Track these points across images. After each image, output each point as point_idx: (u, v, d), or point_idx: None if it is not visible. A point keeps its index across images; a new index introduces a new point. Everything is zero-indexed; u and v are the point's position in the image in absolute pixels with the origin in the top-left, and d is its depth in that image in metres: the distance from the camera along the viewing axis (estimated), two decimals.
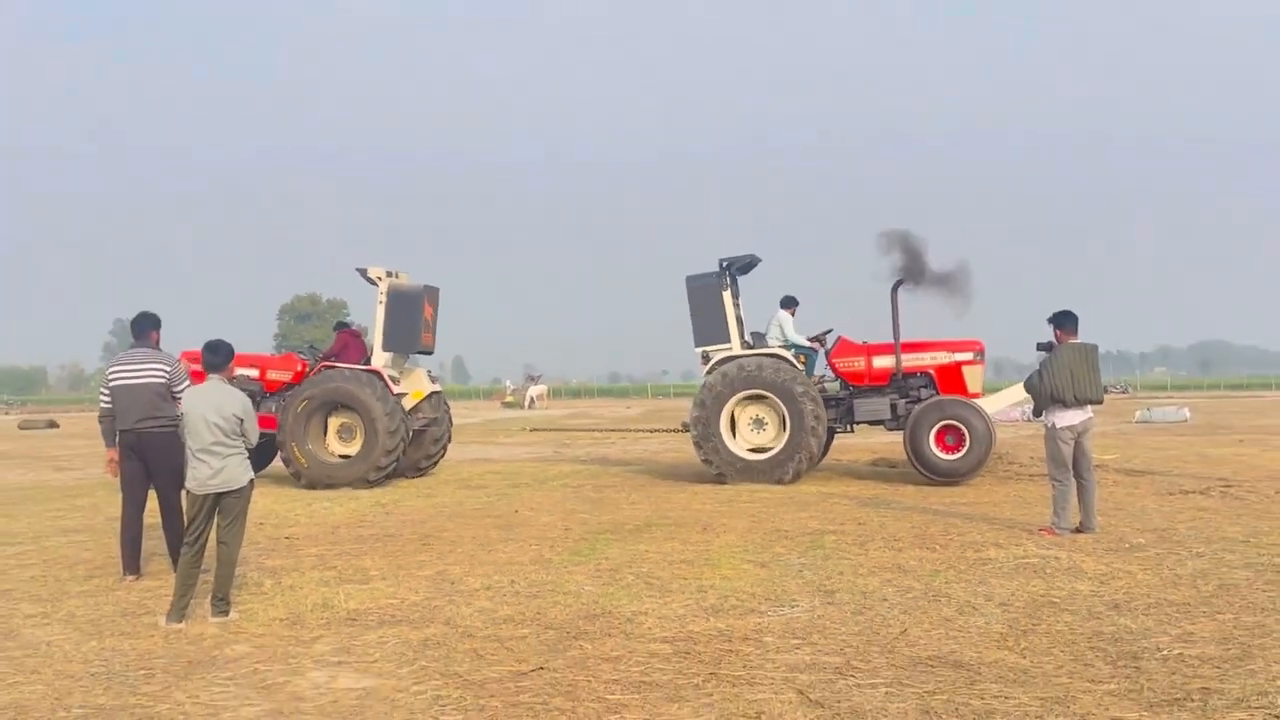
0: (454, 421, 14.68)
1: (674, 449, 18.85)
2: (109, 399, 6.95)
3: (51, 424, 33.88)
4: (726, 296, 12.59)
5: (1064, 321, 8.21)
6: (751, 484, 11.83)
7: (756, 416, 12.36)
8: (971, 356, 12.53)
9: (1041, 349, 8.32)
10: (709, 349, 12.69)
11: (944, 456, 11.72)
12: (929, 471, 11.78)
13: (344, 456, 12.67)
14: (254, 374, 13.28)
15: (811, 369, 12.91)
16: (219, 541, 5.92)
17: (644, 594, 6.19)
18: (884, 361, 12.57)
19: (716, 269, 12.67)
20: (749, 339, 13.07)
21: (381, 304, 13.08)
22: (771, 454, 12.12)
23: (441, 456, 14.30)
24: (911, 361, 12.52)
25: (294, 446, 12.39)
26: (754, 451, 12.28)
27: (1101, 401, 8.22)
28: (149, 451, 6.88)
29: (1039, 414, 8.44)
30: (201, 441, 5.83)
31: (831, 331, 13.16)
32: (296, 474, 12.51)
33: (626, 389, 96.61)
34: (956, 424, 11.69)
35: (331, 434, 12.87)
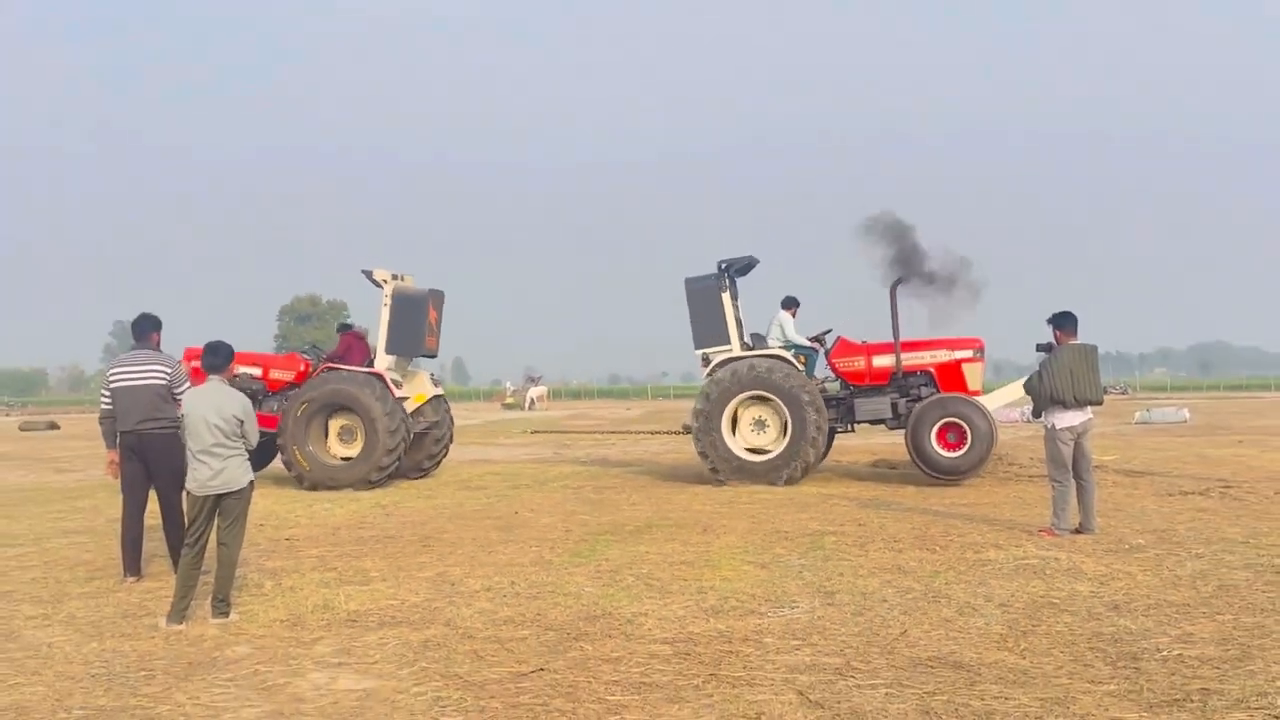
0: (454, 423, 14.69)
1: (674, 450, 18.85)
2: (109, 400, 6.95)
3: (52, 425, 33.82)
4: (725, 298, 12.60)
5: (1063, 322, 8.21)
6: (750, 485, 11.83)
7: (759, 418, 12.36)
8: (971, 354, 12.54)
9: (1041, 350, 8.32)
10: (709, 351, 12.70)
11: (946, 454, 11.73)
12: (931, 469, 11.80)
13: (345, 458, 12.67)
14: (257, 372, 13.30)
15: (812, 369, 12.92)
16: (219, 543, 5.93)
17: (644, 595, 6.19)
18: (884, 361, 12.58)
19: (715, 271, 12.70)
20: (749, 340, 13.08)
21: (386, 306, 13.07)
22: (769, 457, 12.12)
23: (443, 458, 14.30)
24: (911, 360, 12.53)
25: (295, 450, 12.40)
26: (752, 452, 12.29)
27: (1101, 402, 8.22)
28: (149, 453, 6.88)
29: (1039, 415, 8.45)
30: (202, 443, 5.84)
31: (831, 331, 13.17)
32: (299, 477, 12.53)
33: (626, 390, 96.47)
34: (959, 421, 11.72)
35: (333, 436, 12.87)
